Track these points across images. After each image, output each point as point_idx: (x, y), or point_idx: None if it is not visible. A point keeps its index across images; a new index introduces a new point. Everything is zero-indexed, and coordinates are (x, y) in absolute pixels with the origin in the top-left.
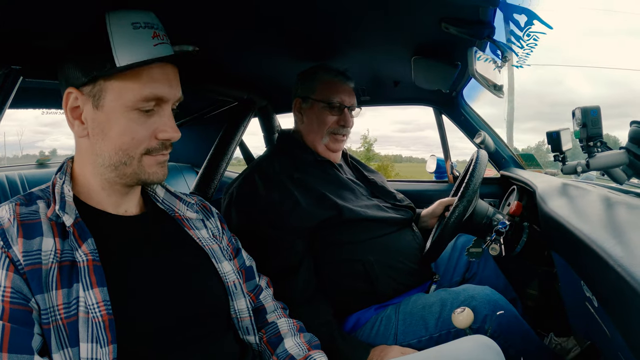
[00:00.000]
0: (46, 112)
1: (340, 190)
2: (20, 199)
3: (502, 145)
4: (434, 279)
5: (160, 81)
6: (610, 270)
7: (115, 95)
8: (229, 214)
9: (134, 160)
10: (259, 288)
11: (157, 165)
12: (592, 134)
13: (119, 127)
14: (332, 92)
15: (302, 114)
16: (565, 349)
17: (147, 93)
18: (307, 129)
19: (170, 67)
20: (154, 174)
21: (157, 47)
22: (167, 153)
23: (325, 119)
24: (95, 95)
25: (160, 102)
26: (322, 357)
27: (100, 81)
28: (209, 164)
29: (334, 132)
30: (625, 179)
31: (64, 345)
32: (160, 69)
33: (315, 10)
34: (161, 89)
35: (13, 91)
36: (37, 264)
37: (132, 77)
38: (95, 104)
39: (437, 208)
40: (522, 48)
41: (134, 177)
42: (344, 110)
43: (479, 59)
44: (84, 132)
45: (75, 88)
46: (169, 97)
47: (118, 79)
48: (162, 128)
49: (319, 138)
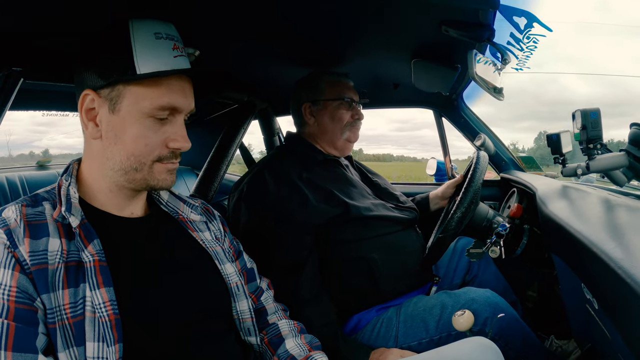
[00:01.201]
0: (47, 114)
1: (348, 189)
2: (26, 200)
3: (502, 148)
4: (435, 281)
5: (177, 92)
6: (610, 272)
7: (133, 101)
8: (238, 209)
9: (145, 166)
10: (260, 290)
11: (167, 172)
12: (592, 136)
13: (133, 133)
14: (341, 90)
15: (314, 116)
16: (565, 352)
17: (164, 102)
18: (321, 129)
19: (186, 80)
20: (163, 180)
21: (176, 58)
22: (177, 162)
23: (341, 116)
24: (112, 99)
25: (175, 112)
26: (323, 357)
27: (119, 86)
28: (209, 166)
29: (352, 125)
30: (626, 181)
31: (69, 344)
32: (178, 81)
33: (316, 15)
34: (177, 100)
35: (14, 93)
36: (44, 264)
37: (151, 85)
38: (112, 108)
39: (446, 190)
40: (521, 50)
41: (143, 183)
42: (354, 105)
43: (478, 61)
44: (97, 134)
45: (93, 90)
46: (184, 108)
47: (137, 85)
48: (174, 137)
49: (339, 134)
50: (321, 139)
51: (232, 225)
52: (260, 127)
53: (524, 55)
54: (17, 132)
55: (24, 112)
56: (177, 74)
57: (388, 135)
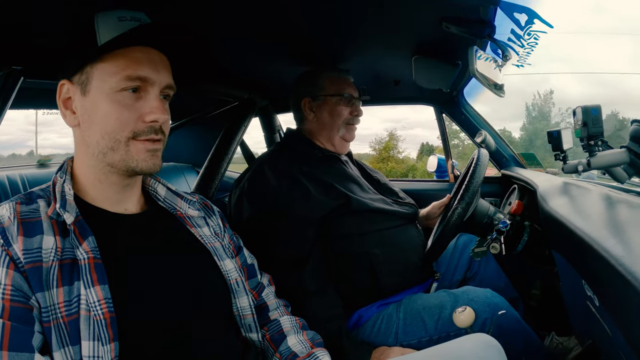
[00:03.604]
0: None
1: (348, 183)
2: (20, 197)
3: (503, 145)
4: (435, 277)
5: (143, 63)
6: (611, 269)
7: (100, 79)
8: (240, 205)
9: (120, 144)
10: (261, 286)
11: (145, 152)
12: (592, 132)
13: (104, 110)
14: (341, 86)
15: (314, 111)
16: (566, 348)
17: (129, 73)
18: (319, 125)
19: (155, 52)
20: (143, 161)
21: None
22: (158, 140)
23: (340, 112)
24: (83, 83)
25: (146, 85)
26: (325, 355)
27: (87, 68)
28: (210, 163)
29: (349, 122)
30: (627, 178)
31: (64, 343)
32: (144, 52)
33: (317, 12)
34: (144, 70)
35: (14, 92)
36: (38, 262)
37: (115, 59)
38: (83, 91)
39: (431, 210)
40: (522, 47)
41: (123, 165)
42: (354, 102)
43: (479, 58)
44: (75, 121)
45: (67, 79)
46: (155, 80)
47: (102, 62)
48: (149, 110)
49: (335, 130)
50: (320, 134)
51: (234, 222)
52: (260, 125)
53: (525, 51)
54: (10, 132)
55: (19, 112)
56: (139, 44)
57: (382, 134)
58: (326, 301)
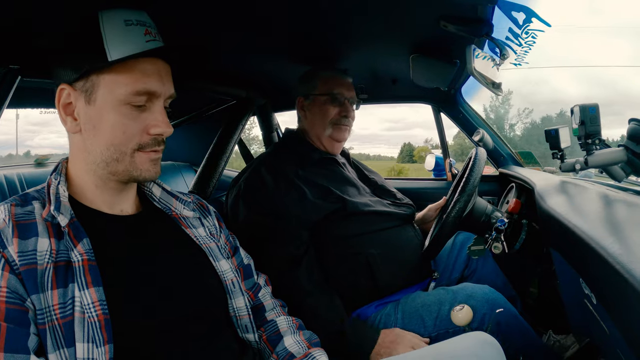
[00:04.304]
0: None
1: (345, 186)
2: (15, 199)
3: (501, 143)
4: (433, 276)
5: (152, 76)
6: (608, 267)
7: (107, 89)
8: (236, 206)
9: (125, 156)
10: (258, 286)
11: (149, 162)
12: (590, 131)
13: (110, 122)
14: (333, 85)
15: (305, 110)
16: (563, 346)
17: (139, 87)
18: (310, 124)
19: (161, 63)
20: (147, 171)
21: (149, 42)
22: (160, 150)
23: (327, 111)
24: (87, 90)
25: (152, 97)
26: (322, 355)
27: (92, 76)
28: (207, 162)
29: (336, 122)
30: (624, 177)
31: (59, 345)
32: (152, 64)
33: (315, 10)
34: (153, 84)
35: (11, 91)
36: (33, 264)
37: (124, 71)
38: (87, 99)
39: (427, 213)
40: (520, 46)
41: (126, 174)
42: (345, 102)
43: (477, 56)
44: (77, 128)
45: (68, 84)
46: (161, 92)
47: (110, 72)
48: (154, 123)
49: (322, 130)
50: (311, 133)
51: (231, 222)
52: (258, 123)
53: (523, 50)
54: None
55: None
56: (148, 56)
57: (380, 134)
58: (324, 296)
